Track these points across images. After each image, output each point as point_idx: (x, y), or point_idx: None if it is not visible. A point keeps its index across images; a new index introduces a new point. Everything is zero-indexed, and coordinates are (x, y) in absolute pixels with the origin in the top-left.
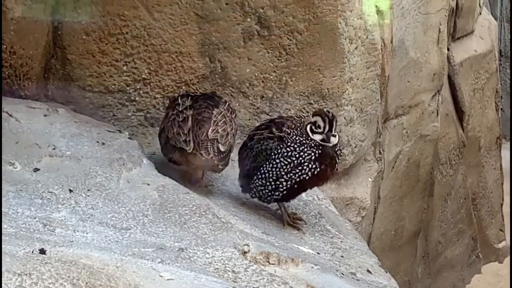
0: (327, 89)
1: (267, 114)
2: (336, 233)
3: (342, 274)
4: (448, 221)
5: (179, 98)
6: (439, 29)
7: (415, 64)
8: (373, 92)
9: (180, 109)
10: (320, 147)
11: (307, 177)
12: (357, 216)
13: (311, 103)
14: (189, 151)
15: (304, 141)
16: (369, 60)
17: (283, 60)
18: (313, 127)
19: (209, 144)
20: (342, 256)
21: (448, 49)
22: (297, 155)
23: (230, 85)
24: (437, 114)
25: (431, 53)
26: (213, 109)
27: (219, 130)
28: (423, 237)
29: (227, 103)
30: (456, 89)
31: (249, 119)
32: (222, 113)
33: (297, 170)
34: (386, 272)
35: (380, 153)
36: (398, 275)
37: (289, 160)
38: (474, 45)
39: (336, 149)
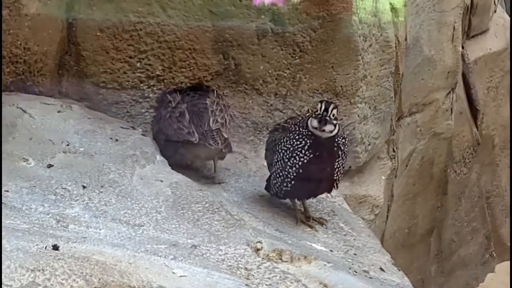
0: (341, 86)
1: (281, 112)
2: (349, 230)
3: (355, 272)
4: (461, 219)
5: (168, 95)
6: (454, 27)
7: (429, 62)
8: (387, 90)
9: (173, 105)
10: (313, 136)
11: (300, 166)
12: (370, 214)
13: None
14: (195, 142)
15: (301, 130)
16: (383, 58)
17: (297, 57)
18: (313, 115)
19: (214, 134)
20: (355, 254)
21: (462, 47)
22: (293, 143)
23: (243, 82)
24: (451, 112)
25: (446, 51)
26: (205, 99)
27: (219, 119)
28: (436, 235)
29: (215, 91)
30: (470, 87)
31: (263, 116)
32: (215, 102)
33: (292, 159)
34: (399, 270)
35: (393, 151)
36: (411, 273)
37: (285, 148)
38: (488, 43)
39: (337, 140)
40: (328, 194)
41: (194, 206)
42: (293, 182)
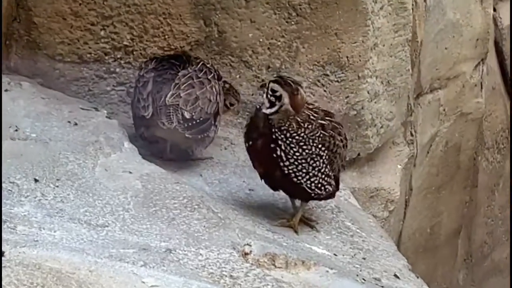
0: (347, 57)
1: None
2: (357, 230)
3: (364, 279)
4: (495, 217)
5: (145, 62)
6: None
7: (454, 27)
8: (403, 61)
9: (141, 73)
10: (249, 119)
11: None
12: (384, 211)
13: (327, 75)
14: (147, 117)
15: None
16: (398, 23)
17: (293, 22)
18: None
19: (171, 110)
20: (364, 258)
21: (494, 10)
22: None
23: (229, 53)
24: (481, 88)
25: (474, 14)
26: (177, 69)
27: (182, 95)
28: (465, 236)
29: (202, 63)
30: (504, 57)
31: (252, 94)
32: (189, 75)
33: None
34: (418, 278)
35: (411, 134)
36: (435, 281)
37: None
38: None
39: (272, 119)
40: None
41: (169, 202)
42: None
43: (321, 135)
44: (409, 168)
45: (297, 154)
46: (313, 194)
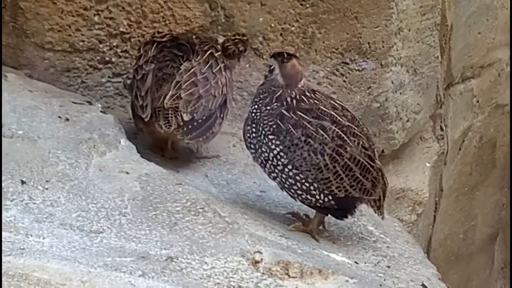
0: (368, 43)
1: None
2: (381, 236)
3: None
4: None
5: (142, 47)
6: None
7: (488, 9)
8: (431, 48)
9: (140, 63)
10: None
11: None
12: (411, 214)
13: (346, 63)
14: (145, 120)
15: None
16: (425, 4)
17: (308, 5)
18: None
19: (169, 112)
20: (388, 267)
21: None
22: None
23: None
24: None
25: None
26: (180, 61)
27: (182, 95)
28: (502, 241)
29: (209, 52)
30: None
31: None
32: (192, 70)
33: None
34: None
35: (441, 129)
36: None
37: None
38: None
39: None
40: None
41: (170, 205)
42: None
43: (311, 135)
44: (439, 166)
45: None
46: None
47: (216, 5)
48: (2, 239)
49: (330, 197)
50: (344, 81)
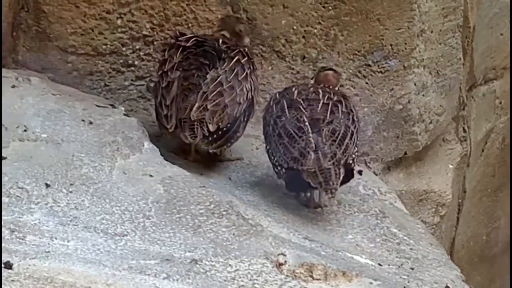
0: (391, 45)
1: (311, 80)
2: (405, 238)
3: None
4: None
5: (167, 50)
6: None
7: (511, 11)
8: (453, 49)
9: (165, 69)
10: None
11: None
12: (434, 216)
13: (369, 65)
14: (170, 131)
15: None
16: (447, 6)
17: (330, 7)
18: None
19: (195, 124)
20: (412, 269)
21: None
22: None
23: (260, 42)
24: None
25: None
26: (206, 70)
27: (209, 106)
28: None
29: (236, 59)
30: None
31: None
32: (219, 79)
33: None
34: None
35: (464, 131)
36: None
37: None
38: None
39: None
40: (376, 190)
41: (194, 208)
42: None
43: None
44: (462, 168)
45: None
46: None
47: (238, 8)
48: (27, 242)
49: (280, 167)
50: (367, 83)
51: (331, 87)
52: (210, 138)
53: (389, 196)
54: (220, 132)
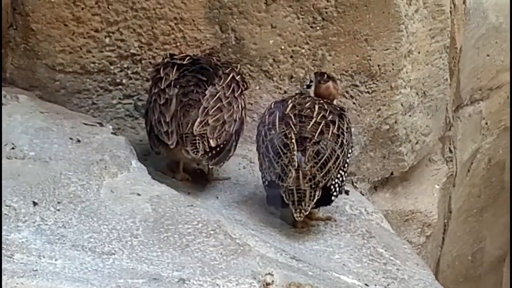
0: (378, 66)
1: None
2: (391, 258)
3: None
4: None
5: (162, 69)
6: None
7: (497, 32)
8: (440, 70)
9: (162, 87)
10: None
11: None
12: (420, 236)
13: (356, 85)
14: (171, 147)
15: None
16: (434, 27)
17: (318, 27)
18: None
19: (197, 139)
20: None
21: None
22: None
23: (248, 61)
24: None
25: None
26: (205, 87)
27: (210, 121)
28: (510, 263)
29: (231, 76)
30: None
31: None
32: (218, 95)
33: None
34: None
35: (450, 151)
36: None
37: None
38: None
39: None
40: (362, 210)
41: (182, 227)
42: None
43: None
44: (448, 188)
45: None
46: None
47: (226, 27)
48: (15, 260)
49: (264, 179)
50: (354, 103)
51: (330, 100)
52: (210, 154)
53: (375, 216)
54: (218, 148)
